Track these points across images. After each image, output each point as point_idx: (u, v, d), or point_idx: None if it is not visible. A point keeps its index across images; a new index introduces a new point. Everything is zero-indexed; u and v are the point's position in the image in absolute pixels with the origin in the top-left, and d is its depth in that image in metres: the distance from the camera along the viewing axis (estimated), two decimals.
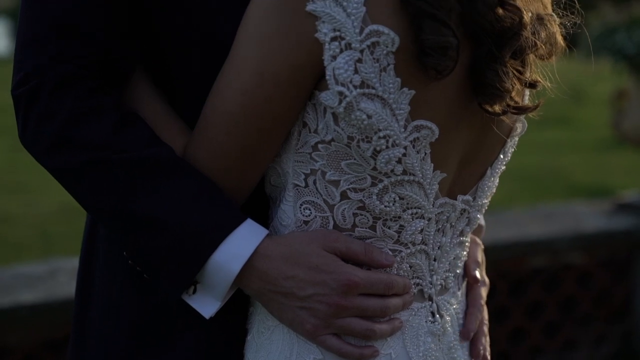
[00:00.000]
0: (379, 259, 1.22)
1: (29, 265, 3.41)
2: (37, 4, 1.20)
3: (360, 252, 1.21)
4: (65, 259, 3.64)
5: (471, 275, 1.39)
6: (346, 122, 1.15)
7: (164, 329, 1.30)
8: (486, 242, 1.54)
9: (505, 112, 1.20)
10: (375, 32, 1.12)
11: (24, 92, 1.19)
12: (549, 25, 1.23)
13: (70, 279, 3.01)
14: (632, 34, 3.72)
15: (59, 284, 2.98)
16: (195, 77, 1.26)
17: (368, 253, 1.21)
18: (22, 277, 3.07)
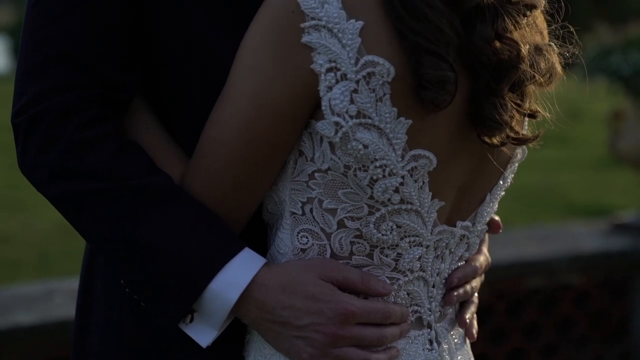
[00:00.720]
0: (377, 287, 1.22)
1: (26, 285, 3.40)
2: (38, 34, 1.21)
3: (358, 281, 1.21)
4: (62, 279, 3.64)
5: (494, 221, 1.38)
6: (343, 151, 1.16)
7: (162, 355, 1.30)
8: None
9: (504, 144, 1.21)
10: (371, 63, 1.12)
11: (24, 120, 1.20)
12: (547, 55, 1.24)
13: (67, 300, 3.00)
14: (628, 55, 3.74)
15: (55, 305, 2.97)
16: (192, 103, 1.27)
17: (365, 282, 1.21)
18: (19, 298, 3.06)
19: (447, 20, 1.12)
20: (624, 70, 3.74)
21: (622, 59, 3.77)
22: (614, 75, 3.81)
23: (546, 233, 4.13)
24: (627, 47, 3.86)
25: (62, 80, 1.19)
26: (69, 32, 1.20)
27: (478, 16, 1.15)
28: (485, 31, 1.14)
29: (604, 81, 3.96)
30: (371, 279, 1.21)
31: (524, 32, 1.19)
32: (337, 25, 1.12)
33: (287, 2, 1.13)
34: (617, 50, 3.87)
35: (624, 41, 3.95)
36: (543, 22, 1.28)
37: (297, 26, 1.12)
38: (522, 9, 1.19)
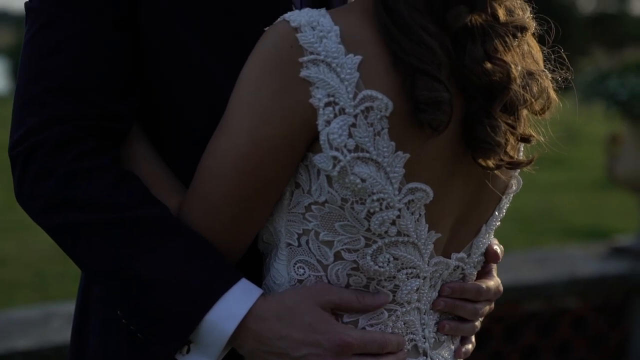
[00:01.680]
0: (372, 302, 1.22)
1: (23, 309, 3.39)
2: (36, 65, 1.22)
3: (354, 300, 1.21)
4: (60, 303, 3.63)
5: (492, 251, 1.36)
6: (340, 185, 1.16)
7: None
8: None
9: (499, 167, 1.21)
10: (369, 97, 1.13)
11: (22, 151, 1.20)
12: (540, 80, 1.25)
13: (65, 324, 3.00)
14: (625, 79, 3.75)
15: (53, 329, 2.97)
16: (189, 134, 1.28)
17: (361, 299, 1.22)
18: (16, 322, 3.06)
19: (439, 41, 1.14)
20: (620, 95, 3.76)
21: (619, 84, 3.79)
22: (611, 100, 3.82)
23: (544, 256, 4.13)
24: (623, 71, 3.87)
25: (59, 111, 1.20)
26: (66, 64, 1.21)
27: (467, 37, 1.16)
28: (475, 52, 1.15)
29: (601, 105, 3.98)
30: (366, 296, 1.22)
31: (514, 54, 1.20)
32: (336, 60, 1.13)
33: (286, 37, 1.14)
34: (614, 74, 3.89)
35: (621, 65, 3.97)
36: (536, 47, 1.30)
37: (296, 60, 1.13)
38: (511, 30, 1.19)
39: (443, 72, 1.13)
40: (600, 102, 3.94)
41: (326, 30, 1.13)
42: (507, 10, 1.21)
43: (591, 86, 3.90)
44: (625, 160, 4.03)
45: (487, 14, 1.17)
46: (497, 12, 1.18)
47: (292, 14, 1.15)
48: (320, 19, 1.14)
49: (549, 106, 1.28)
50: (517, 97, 1.18)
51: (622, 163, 4.05)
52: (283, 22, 1.15)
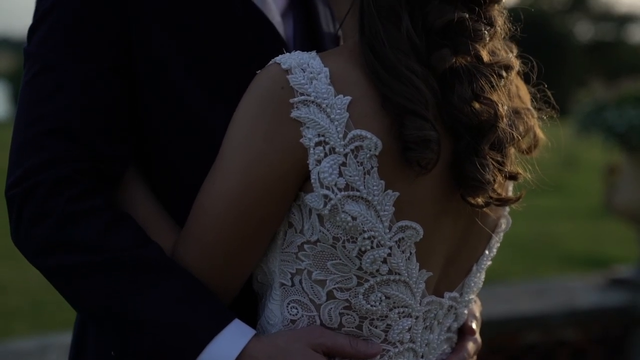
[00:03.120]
0: (365, 350, 1.22)
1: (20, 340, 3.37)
2: (34, 108, 1.23)
3: (347, 345, 1.21)
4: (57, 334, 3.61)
5: (467, 326, 1.38)
6: (331, 223, 1.17)
7: None
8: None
9: (488, 204, 1.22)
10: (359, 137, 1.14)
11: (18, 193, 1.21)
12: (526, 118, 1.26)
13: (61, 355, 2.98)
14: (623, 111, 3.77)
15: None
16: (183, 175, 1.29)
17: (354, 345, 1.21)
18: (13, 353, 3.04)
19: (425, 82, 1.15)
20: (618, 126, 3.77)
21: (616, 115, 3.80)
22: (608, 131, 3.83)
23: (542, 287, 4.12)
24: (621, 103, 3.89)
25: (56, 154, 1.21)
26: (62, 108, 1.22)
27: (454, 78, 1.17)
28: (463, 92, 1.17)
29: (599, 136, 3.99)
30: (359, 342, 1.22)
31: (501, 93, 1.21)
32: (326, 101, 1.14)
33: (277, 79, 1.15)
34: (612, 105, 3.90)
35: (618, 97, 3.99)
36: (522, 86, 1.31)
37: (287, 101, 1.14)
38: (496, 70, 1.21)
39: (430, 111, 1.14)
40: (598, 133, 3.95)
41: (316, 72, 1.15)
42: (490, 52, 1.22)
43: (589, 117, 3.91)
44: (623, 191, 4.03)
45: (471, 56, 1.19)
46: (480, 54, 1.20)
47: (283, 57, 1.17)
48: (310, 61, 1.16)
49: (537, 145, 1.29)
50: (504, 135, 1.20)
51: (620, 194, 4.05)
52: (274, 64, 1.17)
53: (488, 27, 1.21)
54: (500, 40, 1.26)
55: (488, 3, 1.22)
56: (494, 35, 1.23)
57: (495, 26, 1.22)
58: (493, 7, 1.23)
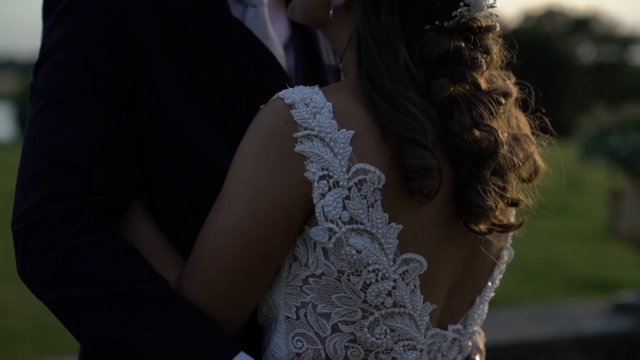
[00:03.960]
0: None
1: None
2: (40, 142, 1.24)
3: None
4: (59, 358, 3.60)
5: (471, 359, 1.38)
6: (336, 257, 1.17)
7: None
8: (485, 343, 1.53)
9: (490, 231, 1.22)
10: (362, 171, 1.15)
11: (24, 227, 1.22)
12: (525, 145, 1.27)
13: None
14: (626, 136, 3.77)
15: None
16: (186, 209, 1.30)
17: None
18: None
19: (423, 111, 1.16)
20: (622, 151, 3.77)
21: (620, 140, 3.80)
22: (612, 156, 3.83)
23: (547, 313, 4.10)
24: (624, 127, 3.89)
25: (61, 188, 1.22)
26: (67, 142, 1.23)
27: (453, 106, 1.18)
28: (463, 120, 1.17)
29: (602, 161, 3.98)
30: None
31: (500, 120, 1.22)
32: (329, 135, 1.15)
33: (280, 113, 1.16)
34: (615, 130, 3.90)
35: (621, 121, 3.99)
36: (520, 114, 1.32)
37: (291, 136, 1.15)
38: (495, 97, 1.22)
39: (430, 139, 1.15)
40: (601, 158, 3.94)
41: (319, 106, 1.16)
42: (488, 79, 1.24)
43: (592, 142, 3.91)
44: (627, 216, 4.02)
45: (469, 84, 1.20)
46: (478, 82, 1.21)
47: (287, 92, 1.18)
48: (313, 96, 1.16)
49: (537, 172, 1.29)
50: (505, 162, 1.20)
51: (624, 219, 4.03)
52: (278, 99, 1.18)
53: (484, 55, 1.23)
54: (497, 68, 1.27)
55: (483, 32, 1.23)
56: (491, 63, 1.24)
57: (491, 54, 1.24)
58: (488, 35, 1.24)
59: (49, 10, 1.30)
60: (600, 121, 4.08)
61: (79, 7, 1.27)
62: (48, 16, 1.30)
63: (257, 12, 1.41)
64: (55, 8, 1.28)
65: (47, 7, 1.30)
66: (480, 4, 1.21)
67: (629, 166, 3.88)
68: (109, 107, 1.25)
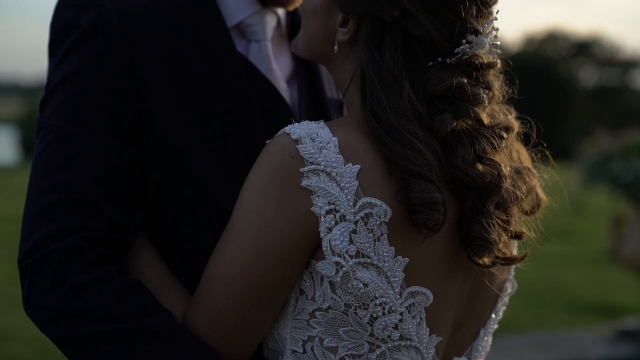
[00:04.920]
0: None
1: None
2: (47, 178, 1.25)
3: None
4: None
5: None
6: (343, 291, 1.17)
7: None
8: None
9: (494, 264, 1.23)
10: (369, 205, 1.16)
11: (31, 263, 1.22)
12: (528, 179, 1.29)
13: None
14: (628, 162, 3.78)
15: None
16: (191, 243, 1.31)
17: None
18: None
19: (428, 145, 1.17)
20: (624, 177, 3.77)
21: (622, 166, 3.81)
22: (615, 182, 3.83)
23: (550, 338, 4.08)
24: (626, 153, 3.89)
25: (68, 223, 1.22)
26: (74, 178, 1.24)
27: (457, 141, 1.20)
28: (466, 154, 1.19)
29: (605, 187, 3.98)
30: None
31: (503, 154, 1.24)
32: (336, 170, 1.16)
33: (287, 149, 1.17)
34: (617, 156, 3.91)
35: (623, 147, 3.99)
36: (522, 148, 1.34)
37: (297, 171, 1.16)
38: (497, 132, 1.24)
39: (434, 173, 1.16)
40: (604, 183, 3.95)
41: (325, 141, 1.17)
42: (490, 115, 1.26)
43: (595, 168, 3.92)
44: (630, 242, 4.01)
45: (472, 119, 1.21)
46: (480, 117, 1.23)
47: (293, 127, 1.19)
48: (319, 131, 1.18)
49: (539, 205, 1.30)
50: (508, 196, 1.22)
51: (627, 245, 4.02)
52: (284, 134, 1.19)
53: (486, 91, 1.25)
54: (499, 103, 1.29)
55: (485, 68, 1.25)
56: (493, 98, 1.26)
57: (493, 90, 1.26)
58: (490, 72, 1.26)
59: (57, 46, 1.31)
60: (603, 147, 4.09)
61: (87, 45, 1.28)
62: (55, 52, 1.31)
63: (260, 47, 1.43)
64: (63, 44, 1.29)
65: (55, 43, 1.31)
66: (482, 42, 1.23)
67: (632, 192, 3.88)
68: (116, 143, 1.26)
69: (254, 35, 1.43)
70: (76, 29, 1.28)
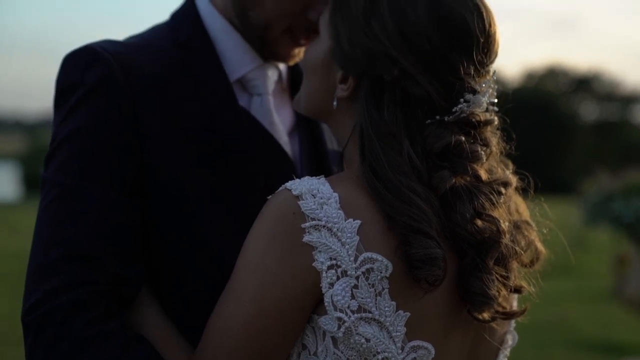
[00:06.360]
0: None
1: None
2: (50, 232, 1.26)
3: None
4: None
5: None
6: (345, 346, 1.18)
7: None
8: None
9: (494, 319, 1.24)
10: (369, 260, 1.17)
11: (34, 319, 1.23)
12: (526, 232, 1.30)
13: None
14: (629, 202, 3.79)
15: None
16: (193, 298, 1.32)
17: None
18: None
19: (427, 201, 1.19)
20: (626, 217, 3.78)
21: (623, 206, 3.82)
22: (616, 222, 3.84)
23: None
24: (627, 193, 3.91)
25: (72, 278, 1.23)
26: (79, 233, 1.25)
27: (455, 197, 1.21)
28: (465, 210, 1.20)
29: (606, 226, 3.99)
30: None
31: (501, 209, 1.25)
32: (336, 225, 1.17)
33: (288, 204, 1.18)
34: (618, 196, 3.92)
35: (624, 186, 4.01)
36: (520, 201, 1.35)
37: (298, 227, 1.17)
38: (495, 188, 1.25)
39: (434, 229, 1.18)
40: (605, 223, 3.95)
41: (326, 197, 1.18)
42: (488, 170, 1.27)
43: (596, 208, 3.93)
44: (633, 282, 4.00)
45: (470, 176, 1.23)
46: (478, 173, 1.24)
47: (294, 183, 1.20)
48: (320, 187, 1.19)
49: (538, 258, 1.32)
50: (507, 251, 1.23)
51: (630, 285, 4.01)
52: (285, 190, 1.20)
53: (484, 148, 1.27)
54: (496, 158, 1.31)
55: (482, 125, 1.27)
56: (490, 154, 1.28)
57: (490, 146, 1.28)
58: (487, 128, 1.29)
59: (62, 102, 1.32)
60: (604, 186, 4.10)
61: (92, 101, 1.30)
62: (60, 108, 1.33)
63: (262, 101, 1.45)
64: (68, 100, 1.31)
65: (60, 98, 1.33)
66: (479, 101, 1.25)
67: (633, 232, 3.89)
68: (121, 198, 1.28)
69: (255, 89, 1.45)
70: (82, 85, 1.30)
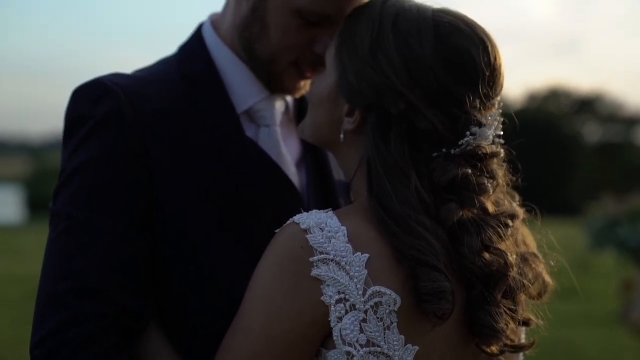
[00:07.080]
0: None
1: None
2: (60, 266, 1.26)
3: None
4: None
5: None
6: None
7: None
8: None
9: (502, 352, 1.24)
10: (378, 293, 1.17)
11: (43, 352, 1.22)
12: (534, 265, 1.30)
13: None
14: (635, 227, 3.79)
15: None
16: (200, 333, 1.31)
17: None
18: None
19: (435, 234, 1.19)
20: (631, 242, 3.77)
21: (629, 231, 3.81)
22: (622, 247, 3.84)
23: None
24: (633, 218, 3.90)
25: (82, 312, 1.23)
26: (87, 266, 1.25)
27: (463, 230, 1.21)
28: (473, 244, 1.21)
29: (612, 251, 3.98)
30: None
31: (509, 242, 1.26)
32: (345, 259, 1.17)
33: (296, 238, 1.19)
34: (624, 221, 3.92)
35: (630, 211, 4.00)
36: (527, 233, 1.35)
37: (307, 260, 1.17)
38: (503, 221, 1.25)
39: (442, 262, 1.18)
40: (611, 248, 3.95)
41: (334, 231, 1.18)
42: (495, 203, 1.28)
43: (601, 233, 3.92)
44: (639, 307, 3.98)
45: (477, 209, 1.24)
46: (485, 206, 1.25)
47: (302, 217, 1.21)
48: (328, 221, 1.19)
49: (546, 291, 1.31)
50: (515, 284, 1.23)
51: (637, 310, 4.00)
52: (293, 224, 1.20)
53: (491, 180, 1.27)
54: (503, 191, 1.31)
55: (489, 158, 1.28)
56: (497, 187, 1.28)
57: (497, 179, 1.28)
58: (493, 161, 1.29)
59: (71, 135, 1.33)
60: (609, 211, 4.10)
61: (101, 134, 1.30)
62: (69, 140, 1.33)
63: (270, 132, 1.45)
64: (77, 133, 1.32)
65: (69, 131, 1.34)
66: (486, 134, 1.26)
67: (639, 257, 3.88)
68: (129, 231, 1.28)
69: (263, 121, 1.46)
70: (92, 118, 1.31)
